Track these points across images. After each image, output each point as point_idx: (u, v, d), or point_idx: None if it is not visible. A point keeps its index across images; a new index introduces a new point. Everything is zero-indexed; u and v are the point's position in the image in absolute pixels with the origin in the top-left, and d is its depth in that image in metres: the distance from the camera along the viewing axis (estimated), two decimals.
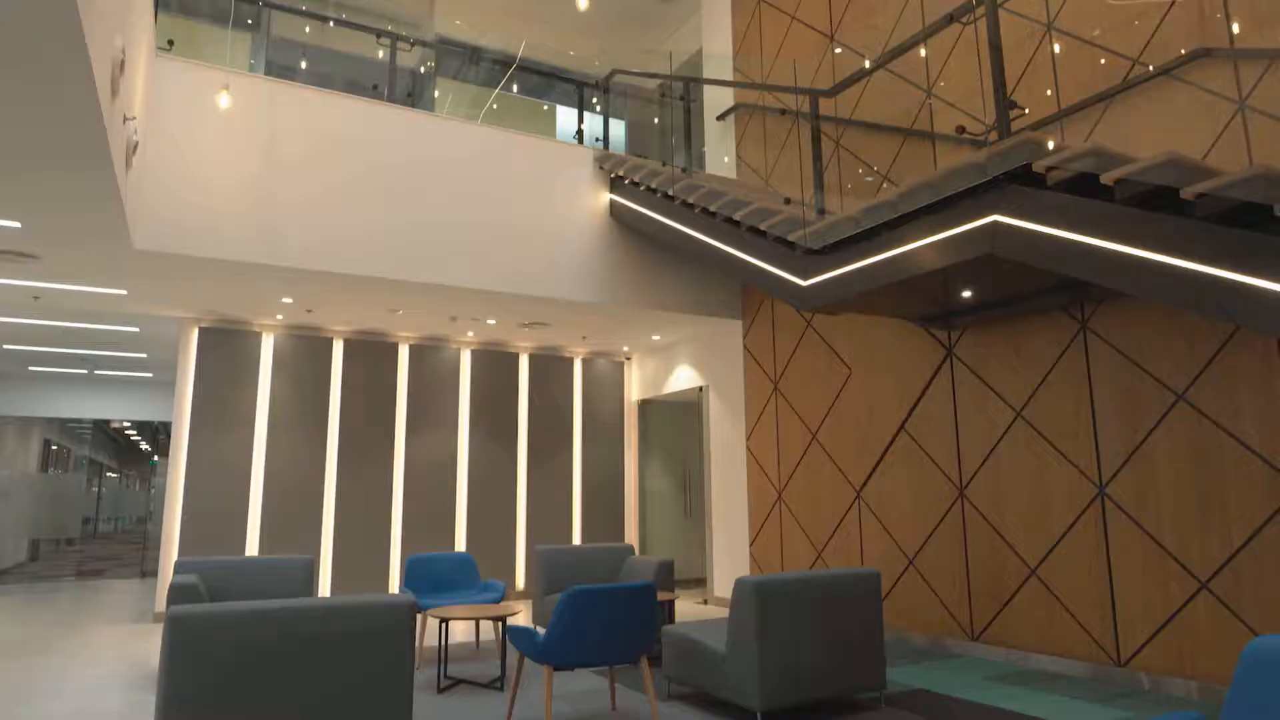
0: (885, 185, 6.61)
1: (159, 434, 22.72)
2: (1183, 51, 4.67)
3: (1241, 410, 4.34)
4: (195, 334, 7.94)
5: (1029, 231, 3.73)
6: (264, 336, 8.21)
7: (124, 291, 6.89)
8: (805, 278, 5.18)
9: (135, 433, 23.38)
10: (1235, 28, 4.46)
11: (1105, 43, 5.11)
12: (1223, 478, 4.40)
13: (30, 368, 11.83)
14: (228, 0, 7.58)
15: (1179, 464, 4.60)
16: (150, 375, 12.48)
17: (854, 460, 6.87)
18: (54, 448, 19.12)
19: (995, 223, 3.89)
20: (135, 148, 4.87)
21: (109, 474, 27.34)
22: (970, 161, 3.94)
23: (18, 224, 5.05)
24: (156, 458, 26.77)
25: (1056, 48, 5.35)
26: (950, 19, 4.59)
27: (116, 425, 21.31)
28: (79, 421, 19.61)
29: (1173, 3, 4.75)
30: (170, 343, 9.53)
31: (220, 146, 6.05)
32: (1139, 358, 4.83)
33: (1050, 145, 3.73)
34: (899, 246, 4.47)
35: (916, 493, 6.25)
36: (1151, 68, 4.82)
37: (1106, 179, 3.35)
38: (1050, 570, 5.24)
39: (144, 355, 10.56)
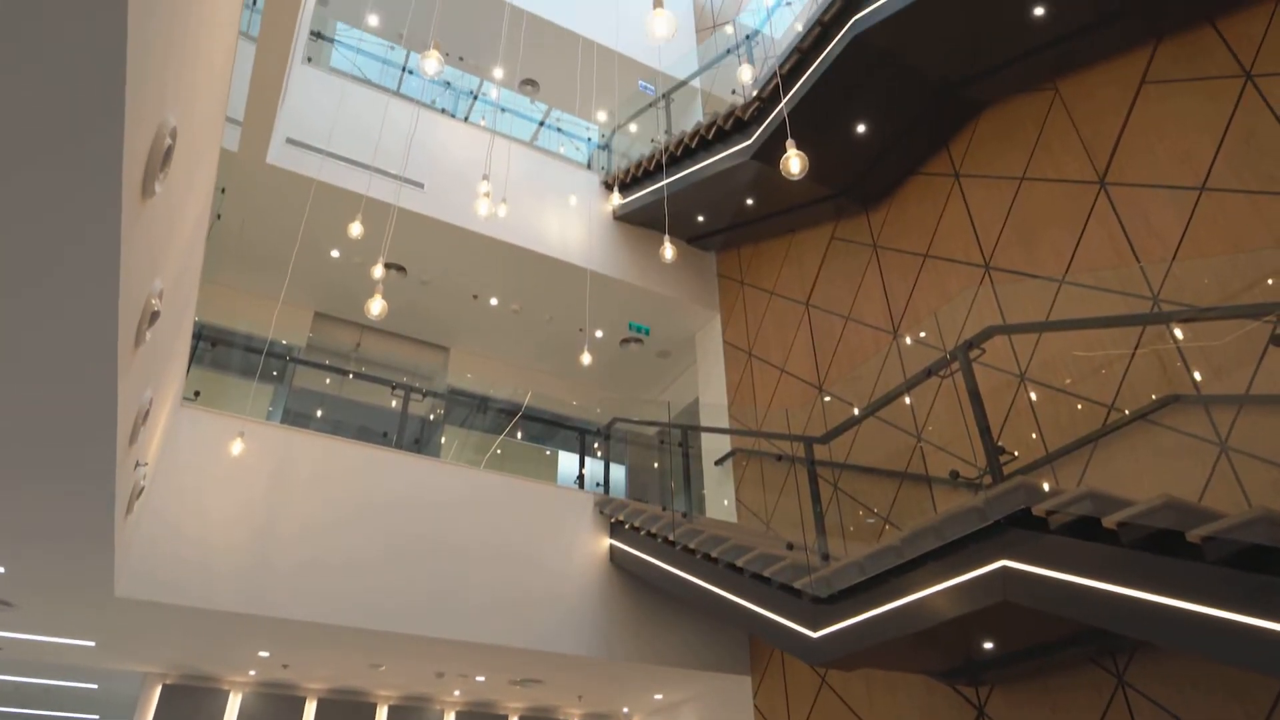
0: (887, 528, 6.56)
1: None
2: (1154, 397, 4.92)
3: None
4: (157, 692, 7.33)
5: (1040, 577, 3.60)
6: (231, 696, 7.58)
7: (92, 643, 6.50)
8: (815, 629, 4.91)
9: None
10: (1197, 375, 4.75)
11: (1078, 390, 5.41)
12: None
13: None
14: (257, 357, 8.21)
15: None
16: None
17: None
18: None
19: (1005, 568, 3.77)
20: (140, 493, 4.92)
21: None
22: (969, 506, 3.94)
23: (1, 569, 4.92)
24: None
25: (1033, 395, 5.66)
26: (929, 373, 4.90)
27: None
28: None
29: (1133, 355, 5.12)
30: (127, 702, 8.77)
31: (224, 492, 6.12)
32: (1189, 718, 4.38)
33: (1045, 487, 3.76)
34: (909, 594, 4.29)
35: None
36: (1127, 411, 5.04)
37: (1108, 523, 3.31)
38: None
39: (95, 718, 9.68)
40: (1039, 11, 5.87)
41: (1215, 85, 5.24)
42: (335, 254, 9.21)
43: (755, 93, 7.86)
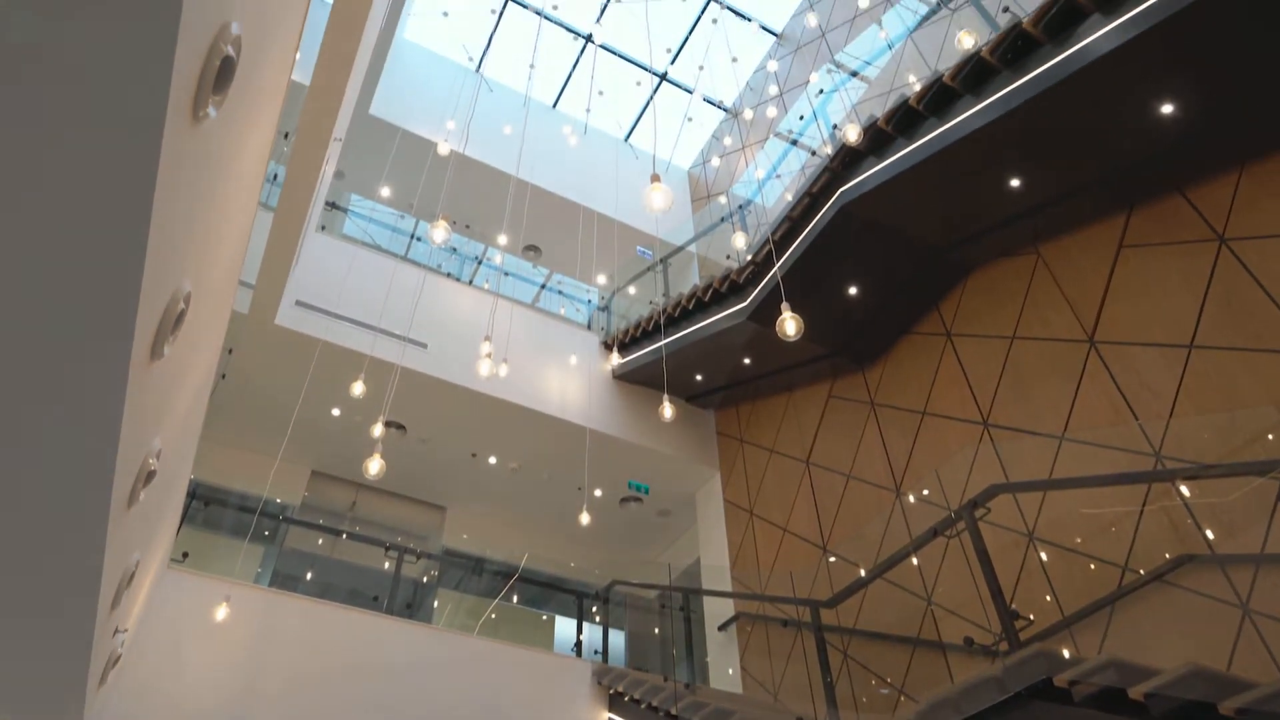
0: (902, 699, 6.20)
1: None
2: (1167, 556, 4.79)
3: None
4: None
5: None
6: None
7: None
8: None
9: None
10: (1209, 534, 4.65)
11: (1089, 549, 5.27)
12: None
13: None
14: (250, 517, 8.06)
15: None
16: None
17: None
18: None
19: None
20: (116, 661, 4.68)
21: None
22: (987, 676, 3.74)
23: None
24: None
25: (1044, 555, 5.51)
26: (934, 533, 4.81)
27: None
28: None
29: (1141, 512, 5.03)
30: None
31: (205, 661, 5.83)
32: None
33: (1066, 654, 3.59)
34: None
35: None
36: (1143, 572, 4.89)
37: (1134, 694, 3.14)
38: None
39: None
40: (1014, 183, 6.23)
41: (1191, 248, 5.47)
42: (336, 412, 9.26)
43: (749, 257, 8.19)
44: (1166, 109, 5.32)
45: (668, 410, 6.04)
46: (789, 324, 4.40)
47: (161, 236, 1.97)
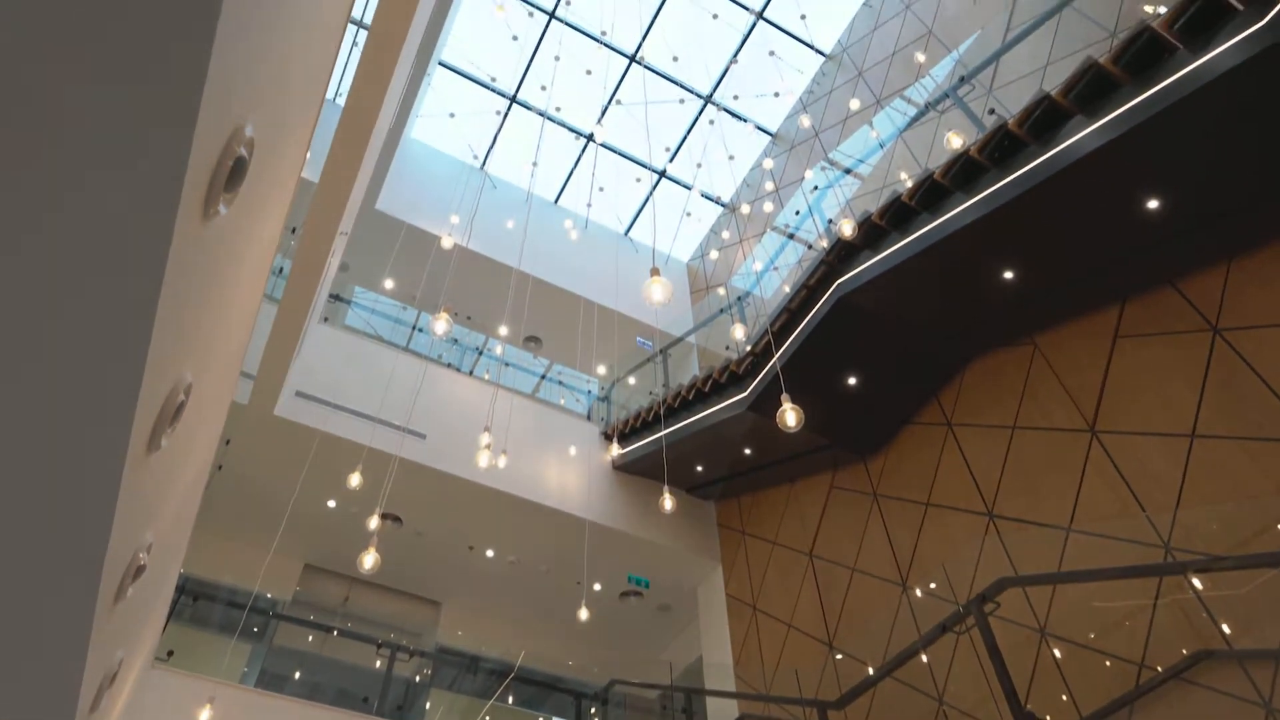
0: None
1: None
2: (1184, 652, 4.64)
3: None
4: None
5: None
6: None
7: None
8: None
9: None
10: (1226, 628, 4.51)
11: (1103, 645, 5.11)
12: None
13: None
14: (239, 613, 7.84)
15: None
16: None
17: None
18: None
19: None
20: None
21: None
22: None
23: None
24: None
25: (1057, 652, 5.34)
26: (943, 629, 4.67)
27: None
28: None
29: (1154, 606, 4.90)
30: None
31: None
32: None
33: None
34: None
35: None
36: (1160, 669, 4.73)
37: None
38: None
39: None
40: (1008, 275, 6.33)
41: (1186, 339, 5.52)
42: (331, 504, 9.13)
43: (749, 348, 8.25)
44: (1152, 204, 5.47)
45: (668, 502, 5.96)
46: (789, 415, 4.40)
47: (165, 328, 1.99)
